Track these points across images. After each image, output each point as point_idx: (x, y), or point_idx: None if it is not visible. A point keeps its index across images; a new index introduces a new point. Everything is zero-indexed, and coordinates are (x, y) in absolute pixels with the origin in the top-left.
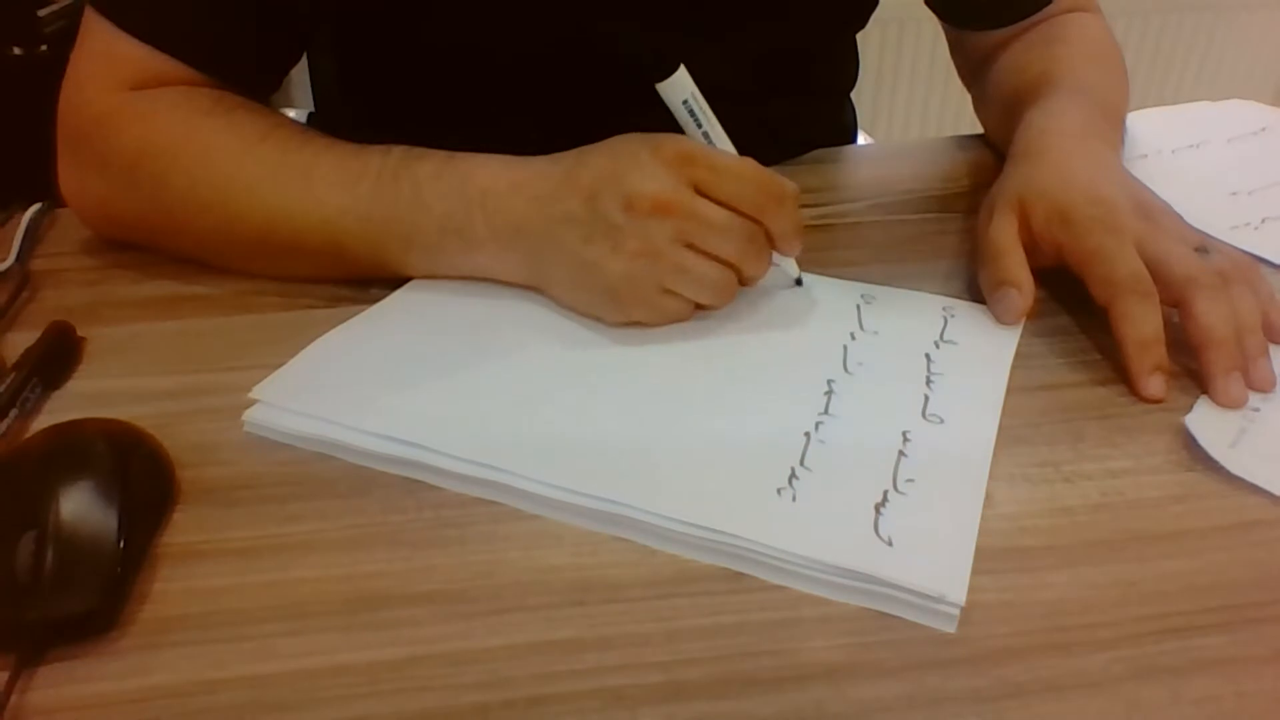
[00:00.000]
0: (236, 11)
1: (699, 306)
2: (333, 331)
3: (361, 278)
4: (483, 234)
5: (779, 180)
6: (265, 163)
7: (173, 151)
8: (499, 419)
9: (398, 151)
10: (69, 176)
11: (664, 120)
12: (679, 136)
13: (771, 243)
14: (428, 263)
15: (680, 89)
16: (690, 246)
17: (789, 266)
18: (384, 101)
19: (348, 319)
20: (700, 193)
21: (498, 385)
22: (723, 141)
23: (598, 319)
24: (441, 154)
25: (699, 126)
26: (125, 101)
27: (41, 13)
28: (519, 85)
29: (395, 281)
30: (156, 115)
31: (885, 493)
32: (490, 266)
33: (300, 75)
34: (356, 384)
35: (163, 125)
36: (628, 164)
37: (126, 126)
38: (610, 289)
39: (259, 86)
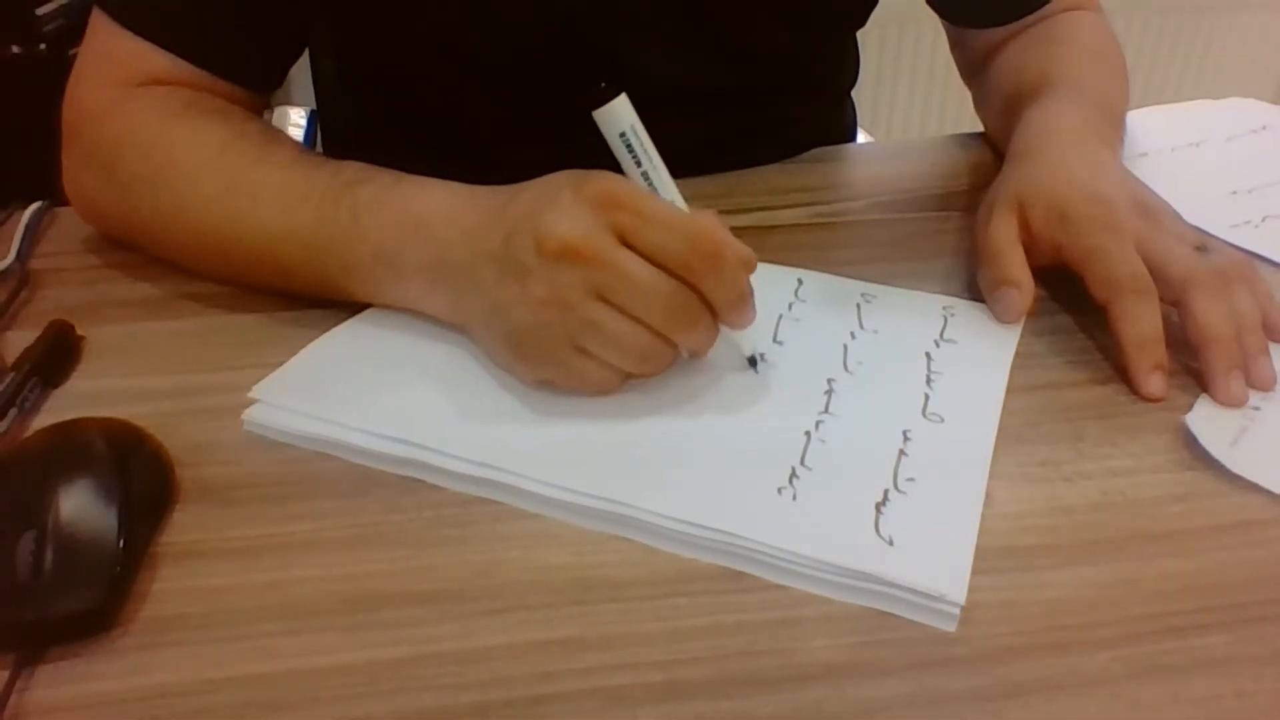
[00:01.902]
0: (235, 7)
1: (631, 375)
2: (333, 331)
3: (322, 298)
4: (412, 265)
5: (720, 238)
6: (218, 179)
7: (141, 154)
8: (499, 419)
9: (347, 172)
10: (67, 170)
11: (664, 120)
12: (611, 175)
13: (711, 310)
14: (365, 291)
15: (617, 120)
16: (605, 301)
17: (741, 341)
18: (384, 100)
19: (348, 318)
20: (625, 242)
21: (498, 385)
22: (666, 186)
23: (509, 373)
24: (389, 177)
25: (638, 165)
26: (115, 99)
27: (40, 12)
28: (519, 84)
29: None
30: (133, 116)
31: (886, 492)
32: (420, 300)
33: (301, 75)
34: (356, 383)
35: (136, 127)
36: (548, 201)
37: (110, 124)
38: (514, 338)
39: (259, 82)
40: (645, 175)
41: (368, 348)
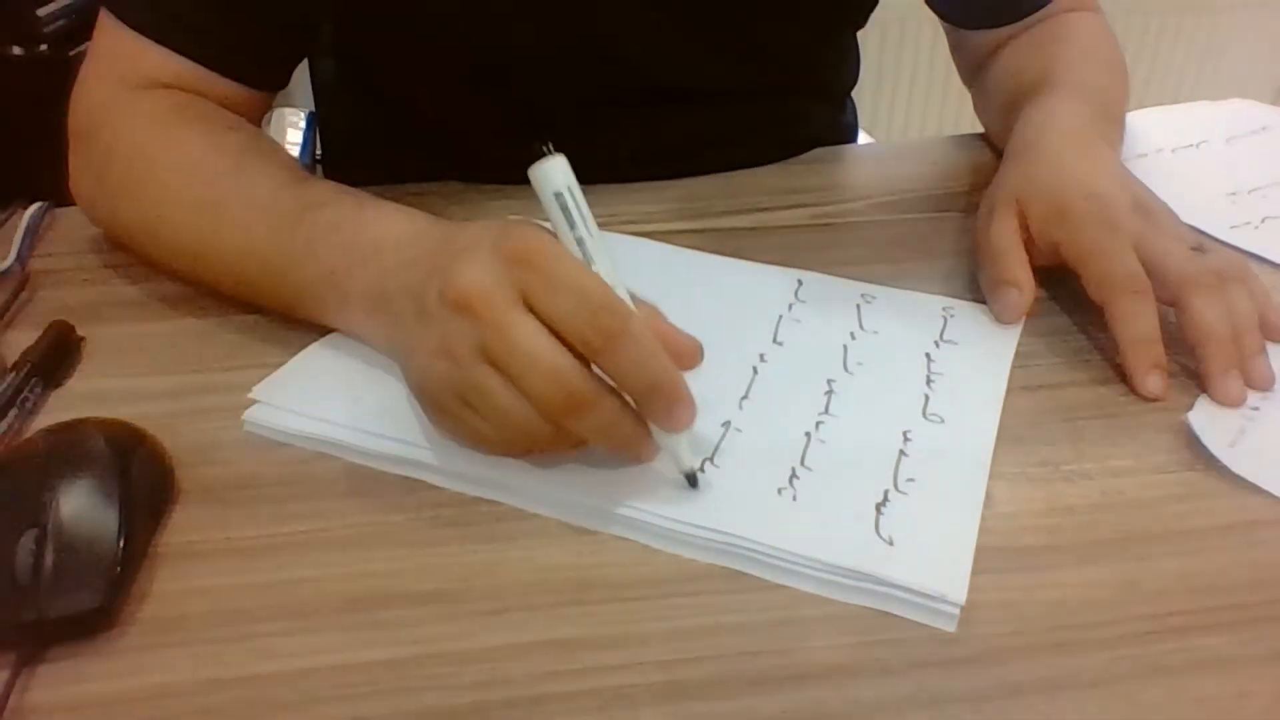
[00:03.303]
0: (238, 6)
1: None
2: (333, 332)
3: (247, 304)
4: (356, 291)
5: (626, 316)
6: (189, 193)
7: (128, 164)
8: None
9: (312, 193)
10: (72, 170)
11: (665, 117)
12: (532, 231)
13: (618, 401)
14: (315, 315)
15: (553, 180)
16: (494, 365)
17: (673, 449)
18: (382, 100)
19: None
20: (528, 304)
21: None
22: (599, 253)
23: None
24: (352, 202)
25: (571, 229)
26: (114, 105)
27: (41, 12)
28: (517, 83)
29: None
30: (125, 124)
31: (886, 492)
32: (361, 326)
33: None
34: (356, 383)
35: (126, 135)
36: (470, 246)
37: (105, 131)
38: (415, 382)
39: (261, 81)
40: (580, 241)
41: (368, 348)
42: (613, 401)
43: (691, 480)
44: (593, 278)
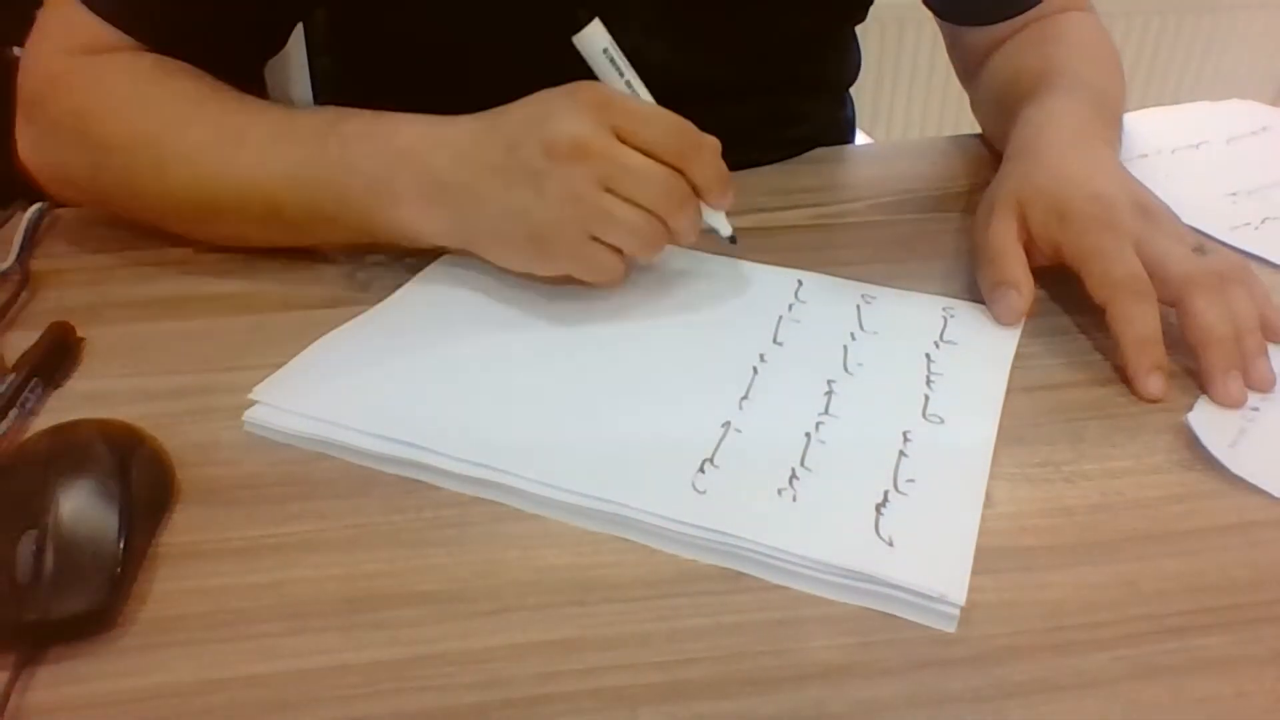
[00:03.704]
0: (203, 3)
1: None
2: (333, 332)
3: (304, 244)
4: (408, 191)
5: (696, 130)
6: (203, 128)
7: (115, 116)
8: (499, 419)
9: (329, 112)
10: (23, 137)
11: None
12: (597, 84)
13: (697, 193)
14: (359, 220)
15: (597, 40)
16: (611, 191)
17: (719, 223)
18: (383, 99)
19: (348, 319)
20: (621, 138)
21: (498, 385)
22: (643, 91)
23: (529, 272)
24: (370, 113)
25: (621, 75)
26: (77, 64)
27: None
28: (519, 81)
29: (394, 282)
30: (104, 79)
31: (886, 493)
32: (416, 223)
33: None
34: (356, 384)
35: (108, 89)
36: (546, 110)
37: (76, 88)
38: (535, 236)
39: (229, 73)
40: (628, 84)
41: (368, 349)
42: (694, 196)
43: (733, 240)
44: (660, 109)
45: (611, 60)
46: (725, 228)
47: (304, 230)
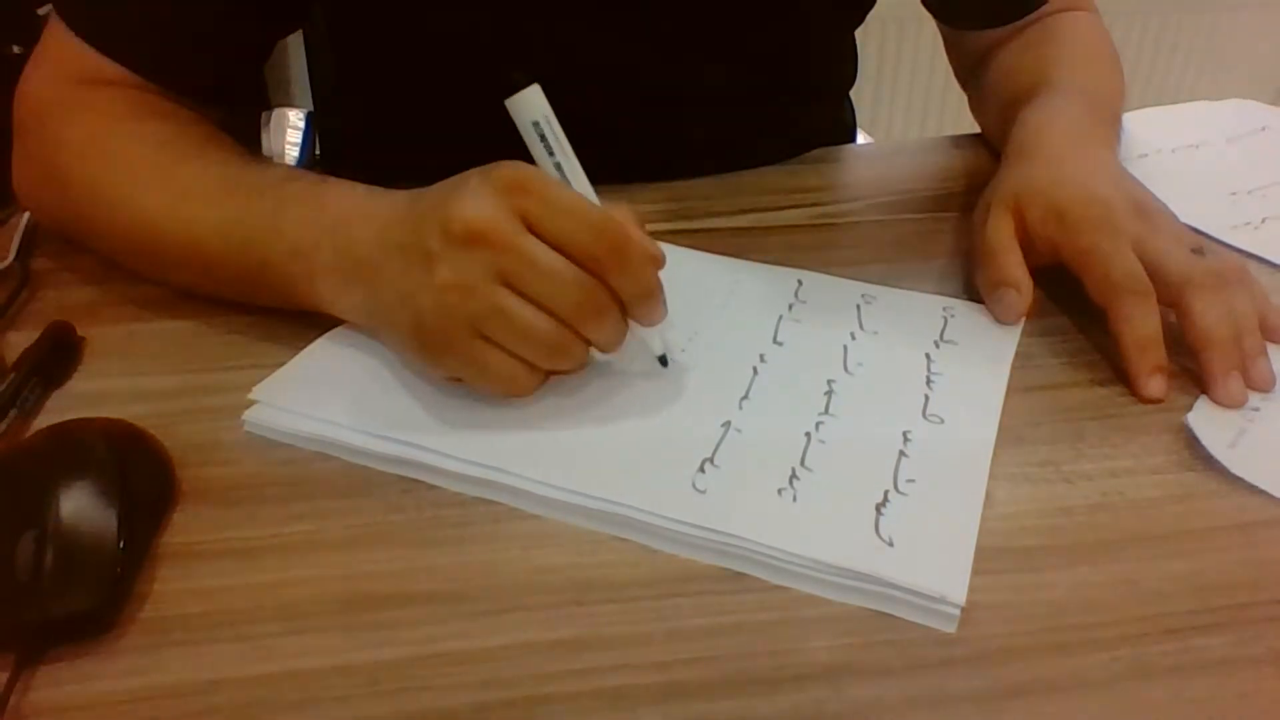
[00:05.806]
0: (186, 24)
1: (543, 372)
2: (333, 332)
3: (248, 302)
4: (328, 263)
5: (627, 232)
6: (151, 175)
7: (81, 156)
8: (498, 419)
9: (277, 171)
10: (15, 164)
11: (664, 121)
12: (520, 163)
13: (620, 306)
14: (280, 288)
15: (530, 109)
16: (511, 287)
17: (650, 339)
18: (382, 100)
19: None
20: (531, 229)
21: None
22: (577, 176)
23: (419, 368)
24: (313, 178)
25: (550, 155)
26: (65, 96)
27: (41, 12)
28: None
29: None
30: (77, 117)
31: (886, 493)
32: (333, 299)
33: (300, 75)
34: (356, 384)
35: (80, 123)
36: (455, 188)
37: (54, 124)
38: (419, 326)
39: (210, 97)
40: (558, 165)
41: (367, 349)
42: (616, 306)
43: (664, 362)
44: (584, 200)
45: (542, 135)
46: (656, 346)
47: (236, 289)
